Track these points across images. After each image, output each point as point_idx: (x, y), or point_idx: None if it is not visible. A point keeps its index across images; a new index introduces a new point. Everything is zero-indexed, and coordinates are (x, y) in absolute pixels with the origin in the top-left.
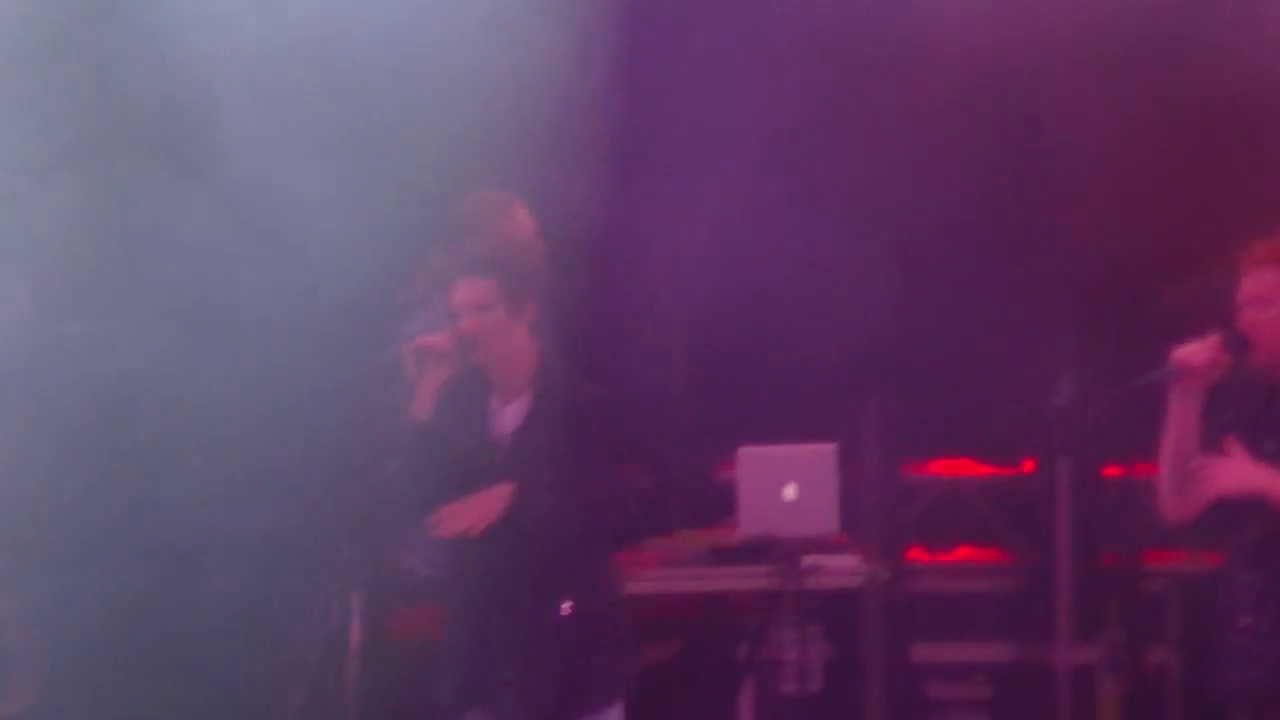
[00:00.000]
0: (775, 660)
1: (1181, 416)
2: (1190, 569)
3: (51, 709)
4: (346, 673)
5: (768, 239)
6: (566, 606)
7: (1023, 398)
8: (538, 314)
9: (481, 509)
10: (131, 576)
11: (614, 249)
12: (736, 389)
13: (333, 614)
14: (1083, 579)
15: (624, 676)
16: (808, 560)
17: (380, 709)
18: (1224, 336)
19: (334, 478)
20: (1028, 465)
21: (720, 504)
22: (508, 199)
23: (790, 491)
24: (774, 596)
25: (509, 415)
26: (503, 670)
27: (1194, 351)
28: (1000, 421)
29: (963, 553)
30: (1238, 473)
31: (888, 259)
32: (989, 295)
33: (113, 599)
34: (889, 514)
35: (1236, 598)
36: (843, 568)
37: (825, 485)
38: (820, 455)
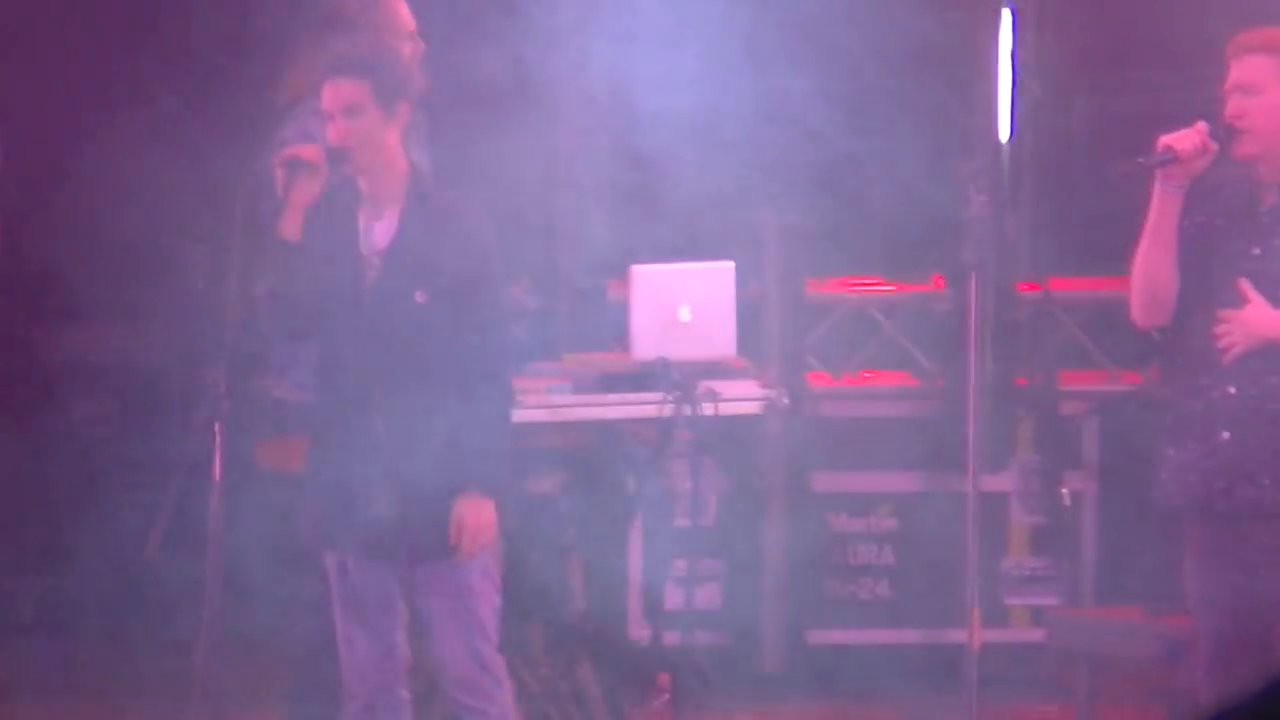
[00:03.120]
0: (668, 492)
1: (1163, 209)
2: (1109, 390)
3: None
4: (209, 506)
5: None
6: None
7: (931, 211)
8: (410, 117)
9: None
10: None
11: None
12: (629, 204)
13: (193, 444)
14: (994, 402)
15: (505, 514)
16: (703, 386)
17: (246, 544)
18: (1210, 124)
19: (201, 300)
20: (937, 282)
21: (611, 326)
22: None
23: (685, 313)
24: (667, 424)
25: (380, 230)
26: (367, 508)
27: (1180, 137)
28: (908, 237)
29: (868, 376)
30: (1262, 323)
31: (791, 69)
32: (893, 103)
33: None
34: (790, 336)
35: (1216, 412)
36: (740, 393)
37: (723, 306)
38: (718, 274)
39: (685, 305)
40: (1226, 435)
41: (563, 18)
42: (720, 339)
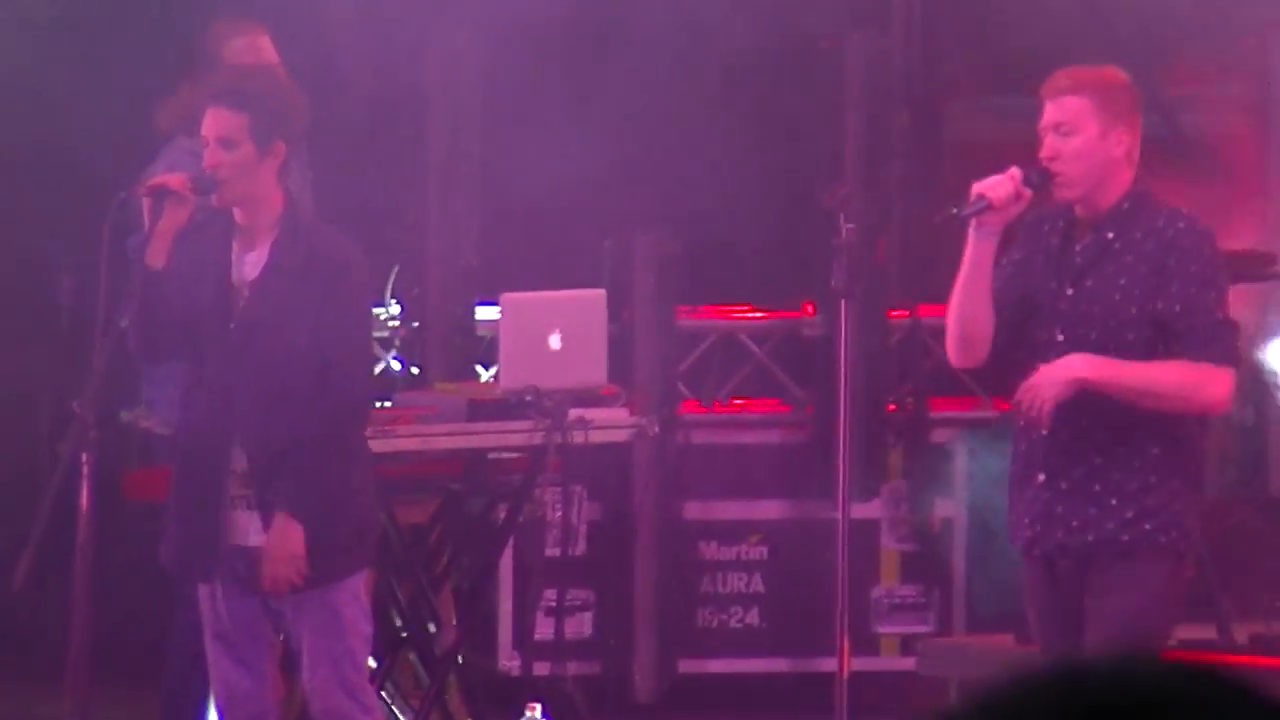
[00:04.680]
0: (538, 521)
1: (977, 255)
2: (978, 417)
3: None
4: (78, 538)
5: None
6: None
7: (802, 238)
8: (287, 155)
9: None
10: None
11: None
12: (499, 232)
13: (61, 475)
14: (864, 429)
15: (367, 546)
16: (574, 414)
17: (114, 575)
18: (1024, 169)
19: (71, 329)
20: (808, 309)
21: (481, 355)
22: (261, 30)
23: (556, 341)
24: (537, 453)
25: (251, 261)
26: (232, 538)
27: (994, 185)
28: (778, 264)
29: (738, 404)
30: (1061, 372)
31: (658, 96)
32: (763, 130)
33: None
34: (661, 364)
35: (1035, 454)
36: (611, 421)
37: (593, 334)
38: (588, 301)
39: (555, 333)
40: (1042, 478)
41: (430, 44)
42: (590, 367)
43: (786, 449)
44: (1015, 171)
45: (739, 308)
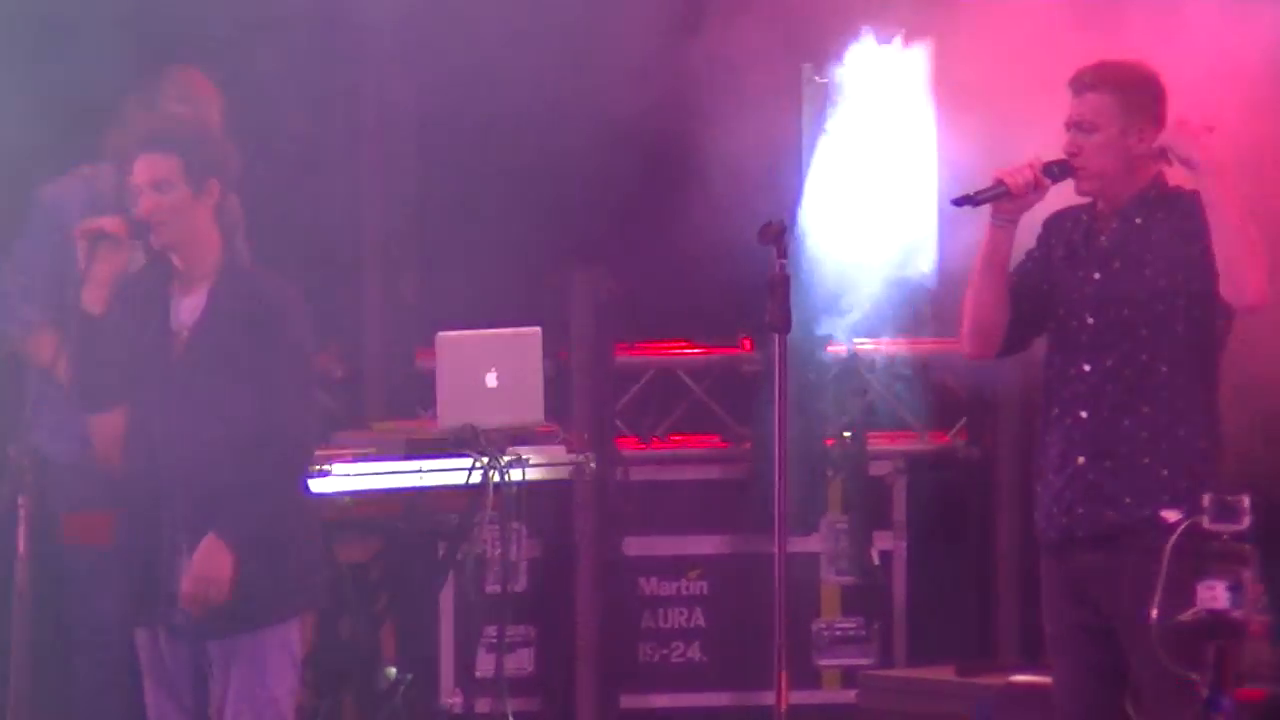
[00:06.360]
0: (478, 558)
1: (993, 244)
2: (917, 450)
3: None
4: (15, 581)
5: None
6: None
7: (737, 273)
8: (222, 195)
9: None
10: None
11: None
12: (435, 270)
13: None
14: (803, 463)
15: (311, 588)
16: (511, 451)
17: (53, 619)
18: (1045, 161)
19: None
20: (745, 344)
21: (419, 394)
22: (193, 72)
23: (492, 379)
24: (476, 491)
25: (188, 305)
26: (172, 584)
27: (1012, 172)
28: (714, 299)
29: (676, 439)
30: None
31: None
32: (695, 162)
33: None
34: (598, 401)
35: (1070, 439)
36: (549, 458)
37: (530, 371)
38: (524, 339)
39: (492, 371)
40: (1082, 460)
41: (365, 79)
42: (528, 404)
43: (726, 484)
44: (1036, 160)
45: (675, 343)
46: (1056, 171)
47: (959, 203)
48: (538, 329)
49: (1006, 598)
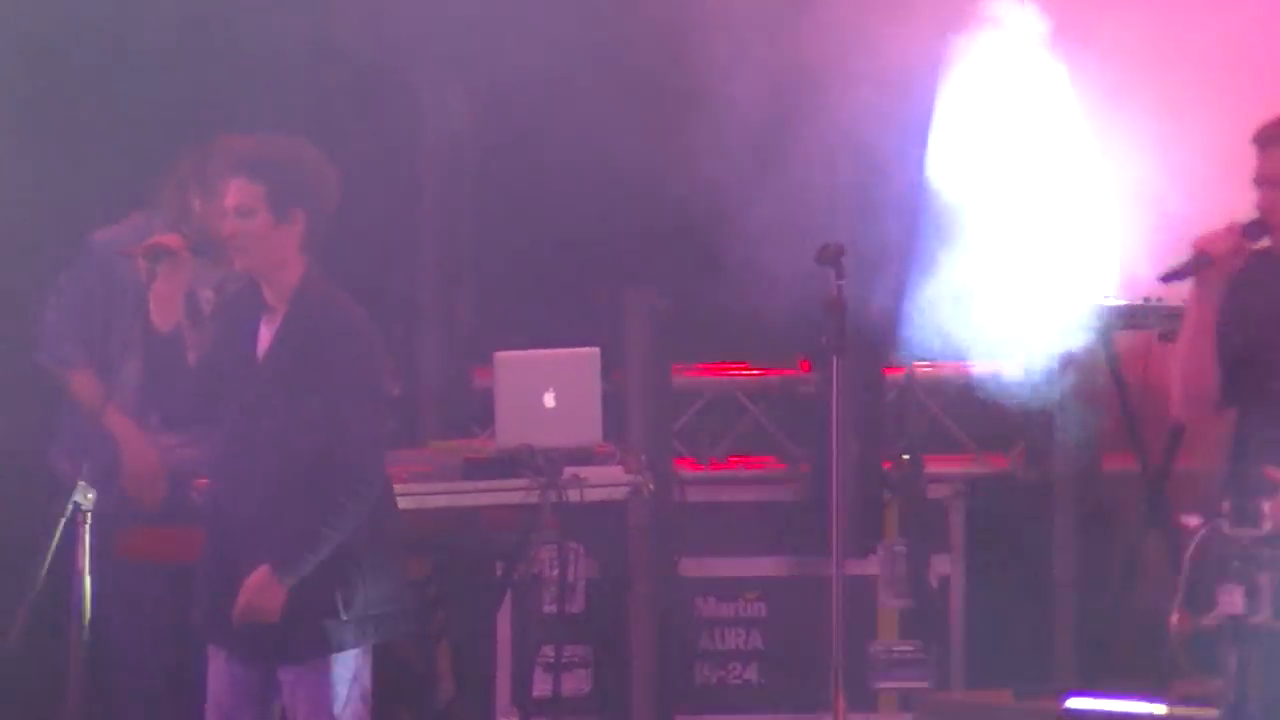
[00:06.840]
0: (535, 579)
1: (1201, 314)
2: (975, 473)
3: None
4: (74, 595)
5: (529, 130)
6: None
7: (797, 294)
8: (309, 224)
9: None
10: None
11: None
12: (492, 289)
13: (57, 534)
14: (860, 486)
15: (384, 618)
16: (569, 472)
17: (113, 633)
18: (1243, 223)
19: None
20: (803, 366)
21: (476, 413)
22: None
23: (550, 399)
24: (533, 511)
25: (266, 332)
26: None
27: (1214, 239)
28: (774, 320)
29: (735, 461)
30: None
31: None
32: (758, 186)
33: None
34: (656, 421)
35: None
36: (606, 479)
37: (587, 392)
38: (582, 360)
39: (550, 391)
40: None
41: (424, 101)
42: (585, 425)
43: (783, 506)
44: (1234, 224)
45: (734, 364)
46: (1256, 232)
47: (1166, 279)
48: (596, 349)
49: (1064, 620)
